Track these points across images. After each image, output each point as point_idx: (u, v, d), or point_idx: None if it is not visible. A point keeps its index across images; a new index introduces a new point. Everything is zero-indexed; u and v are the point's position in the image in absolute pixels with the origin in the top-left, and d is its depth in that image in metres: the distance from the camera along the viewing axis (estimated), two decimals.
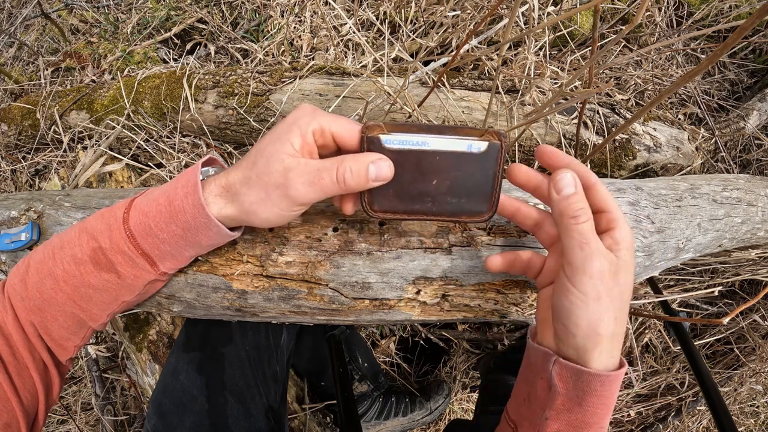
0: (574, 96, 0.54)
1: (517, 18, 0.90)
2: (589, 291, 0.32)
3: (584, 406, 0.35)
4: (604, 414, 0.35)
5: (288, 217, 0.37)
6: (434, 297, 0.45)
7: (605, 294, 0.32)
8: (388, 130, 0.34)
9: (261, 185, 0.34)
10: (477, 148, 0.35)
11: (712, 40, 1.11)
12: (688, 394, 1.16)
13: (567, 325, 0.34)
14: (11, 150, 1.05)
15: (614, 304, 0.33)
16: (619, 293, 0.33)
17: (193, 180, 0.36)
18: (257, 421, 0.58)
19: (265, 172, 0.34)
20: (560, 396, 0.35)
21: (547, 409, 0.36)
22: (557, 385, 0.35)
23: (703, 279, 1.01)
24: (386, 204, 0.37)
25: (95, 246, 0.37)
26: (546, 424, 0.36)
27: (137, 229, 0.36)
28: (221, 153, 0.92)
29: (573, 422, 0.36)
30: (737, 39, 0.31)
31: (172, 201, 0.36)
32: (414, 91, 0.79)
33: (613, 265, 0.33)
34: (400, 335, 1.14)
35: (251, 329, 0.64)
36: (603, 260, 0.32)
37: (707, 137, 0.93)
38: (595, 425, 0.35)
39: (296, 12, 1.03)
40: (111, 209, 0.39)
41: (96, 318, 0.41)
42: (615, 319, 0.33)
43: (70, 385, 1.11)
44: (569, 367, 0.34)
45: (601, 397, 0.34)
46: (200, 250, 0.40)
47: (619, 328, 0.34)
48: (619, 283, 0.33)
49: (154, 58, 1.10)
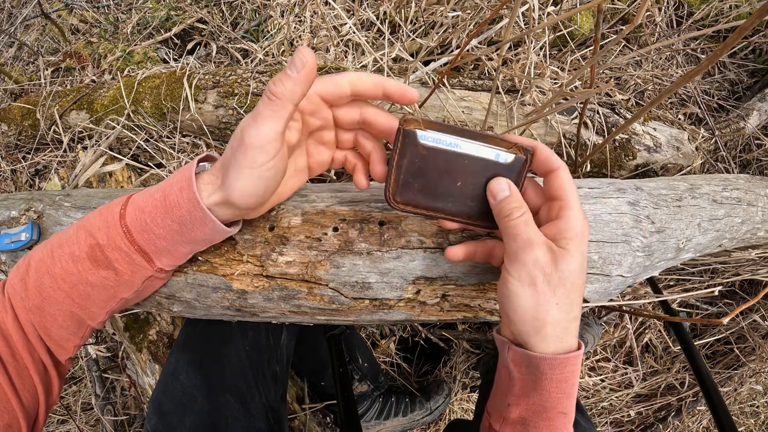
0: (575, 96, 0.54)
1: (517, 18, 0.90)
2: (523, 277, 0.34)
3: (539, 390, 0.36)
4: (561, 398, 0.36)
5: (261, 177, 0.34)
6: (434, 297, 0.45)
7: (541, 281, 0.34)
8: (425, 127, 0.35)
9: (231, 154, 0.34)
10: (504, 158, 0.36)
11: (712, 40, 1.11)
12: (688, 394, 1.16)
13: (507, 311, 0.36)
14: (11, 150, 1.05)
15: (554, 290, 0.34)
16: (560, 279, 0.34)
17: (187, 175, 0.36)
18: (257, 421, 0.58)
19: (232, 140, 0.34)
20: (518, 382, 0.37)
21: (509, 395, 0.38)
22: (513, 371, 0.37)
23: (703, 279, 1.01)
24: (410, 197, 0.38)
25: (93, 243, 0.37)
26: (509, 410, 0.38)
27: (134, 225, 0.36)
28: (221, 153, 0.92)
29: (532, 407, 0.37)
30: (737, 39, 0.31)
31: (167, 196, 0.36)
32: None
33: (552, 253, 0.34)
34: (400, 335, 1.14)
35: (251, 329, 0.64)
36: (537, 249, 0.34)
37: (707, 137, 0.93)
38: (553, 409, 0.36)
39: (296, 12, 1.03)
40: (109, 206, 0.39)
41: (94, 316, 0.41)
42: (556, 305, 0.34)
43: (70, 385, 1.11)
44: (519, 353, 0.36)
45: (554, 380, 0.35)
46: (196, 246, 0.40)
47: (563, 314, 0.35)
48: (559, 269, 0.34)
49: (154, 58, 1.10)
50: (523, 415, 0.37)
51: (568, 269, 0.34)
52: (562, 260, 0.34)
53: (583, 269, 0.35)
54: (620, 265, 0.47)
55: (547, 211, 0.37)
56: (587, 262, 0.46)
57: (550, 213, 0.37)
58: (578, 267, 0.35)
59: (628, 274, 0.48)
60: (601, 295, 0.49)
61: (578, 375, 0.36)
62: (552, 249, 0.35)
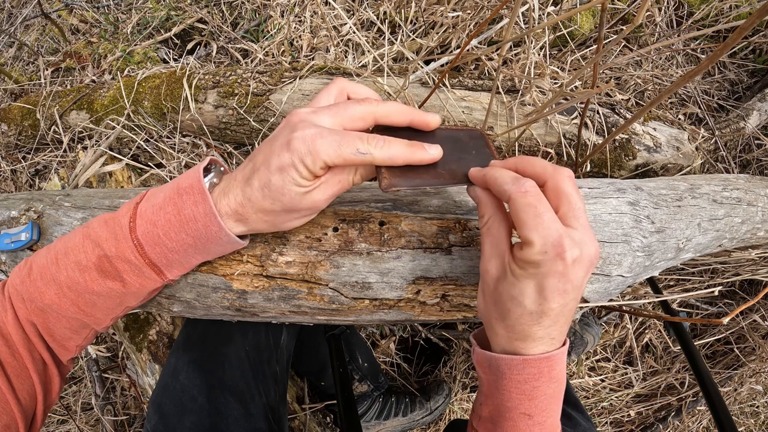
0: (575, 96, 0.54)
1: (517, 18, 0.90)
2: (479, 288, 0.38)
3: (501, 390, 0.36)
4: (522, 399, 0.35)
5: (291, 225, 0.39)
6: (434, 297, 0.45)
7: (488, 293, 0.36)
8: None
9: (272, 216, 0.36)
10: None
11: (712, 40, 1.11)
12: (688, 394, 1.16)
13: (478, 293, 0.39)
14: (11, 150, 1.05)
15: (496, 301, 0.35)
16: (508, 295, 0.34)
17: (198, 187, 0.35)
18: (257, 421, 0.58)
19: (264, 160, 0.33)
20: (484, 381, 0.38)
21: (480, 394, 0.40)
22: (479, 370, 0.39)
23: (703, 279, 1.01)
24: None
25: (100, 254, 0.37)
26: (481, 409, 0.39)
27: (145, 239, 0.36)
28: (221, 153, 0.92)
29: (496, 406, 0.37)
30: (737, 39, 0.31)
31: (180, 210, 0.35)
32: (414, 91, 0.79)
33: (499, 270, 0.34)
34: (400, 335, 1.14)
35: (251, 329, 0.64)
36: (486, 265, 0.36)
37: (707, 137, 0.93)
38: (515, 410, 0.36)
39: (296, 12, 1.03)
40: (114, 217, 0.38)
41: (99, 322, 0.41)
42: (500, 313, 0.35)
43: (70, 385, 1.11)
44: (480, 353, 0.38)
45: (512, 381, 0.35)
46: (208, 257, 0.40)
47: (510, 321, 0.34)
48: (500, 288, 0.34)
49: (154, 58, 1.10)
50: (491, 413, 0.38)
51: (507, 293, 0.34)
52: (504, 282, 0.34)
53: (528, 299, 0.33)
54: (620, 265, 0.47)
55: None
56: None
57: None
58: (518, 293, 0.33)
59: (628, 274, 0.48)
60: (601, 295, 0.49)
61: (546, 379, 0.35)
62: (500, 266, 0.34)
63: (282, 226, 0.38)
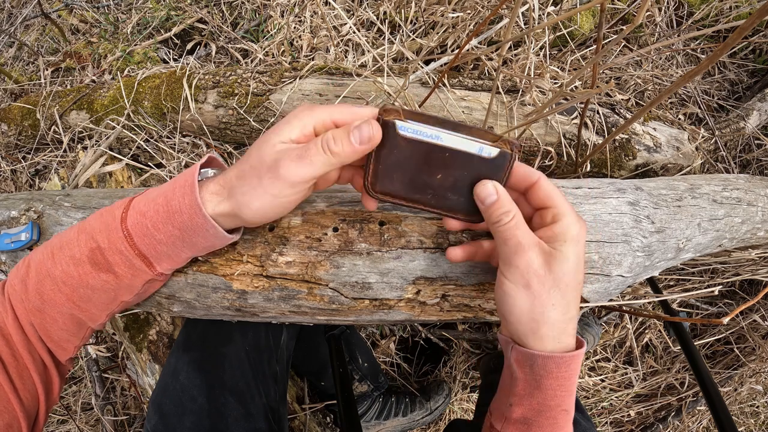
0: (575, 96, 0.54)
1: (517, 18, 0.90)
2: (517, 280, 0.35)
3: (543, 389, 0.36)
4: (564, 396, 0.36)
5: (281, 205, 0.36)
6: (434, 297, 0.45)
7: (536, 283, 0.34)
8: (405, 117, 0.34)
9: (254, 174, 0.34)
10: (488, 152, 0.35)
11: (712, 40, 1.11)
12: (688, 394, 1.16)
13: (504, 313, 0.37)
14: (11, 150, 1.05)
15: (549, 292, 0.34)
16: (554, 281, 0.34)
17: (190, 181, 0.36)
18: (257, 421, 0.58)
19: (258, 160, 0.34)
20: (520, 381, 0.37)
21: (511, 395, 0.38)
22: (516, 370, 0.37)
23: (703, 279, 1.01)
24: (388, 186, 0.37)
25: (93, 246, 0.37)
26: (511, 410, 0.38)
27: (135, 229, 0.36)
28: (221, 153, 0.92)
29: (534, 406, 0.37)
30: (737, 39, 0.31)
31: (169, 201, 0.36)
32: (414, 90, 0.79)
33: (545, 255, 0.35)
34: (400, 335, 1.14)
35: (251, 329, 0.64)
36: (530, 252, 0.35)
37: (707, 137, 0.93)
38: (557, 407, 0.36)
39: (296, 12, 1.03)
40: (110, 209, 0.39)
41: (95, 318, 0.41)
42: (552, 305, 0.35)
43: (70, 385, 1.11)
44: (523, 352, 0.36)
45: (558, 378, 0.35)
46: (197, 251, 0.40)
47: (559, 315, 0.35)
48: (553, 271, 0.34)
49: (154, 58, 1.10)
50: (525, 414, 0.37)
51: (562, 271, 0.34)
52: (555, 262, 0.34)
53: (579, 270, 0.35)
54: (620, 265, 0.47)
55: (540, 218, 0.37)
56: (587, 263, 0.46)
57: (543, 220, 0.37)
58: (573, 268, 0.35)
59: (628, 274, 0.48)
60: (601, 295, 0.48)
61: (578, 373, 0.37)
62: (545, 251, 0.35)
63: (265, 198, 0.35)
